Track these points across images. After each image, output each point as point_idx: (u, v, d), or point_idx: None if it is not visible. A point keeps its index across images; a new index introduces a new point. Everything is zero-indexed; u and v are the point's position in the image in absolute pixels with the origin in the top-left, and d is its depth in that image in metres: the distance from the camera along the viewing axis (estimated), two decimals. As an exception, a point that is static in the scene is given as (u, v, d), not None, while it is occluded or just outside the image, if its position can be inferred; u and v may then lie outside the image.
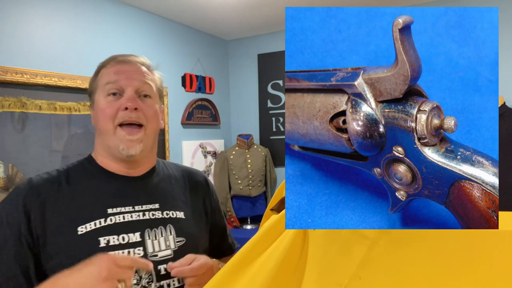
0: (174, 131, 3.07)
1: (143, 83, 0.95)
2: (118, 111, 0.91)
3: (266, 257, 0.61)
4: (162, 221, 0.93)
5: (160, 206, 0.95)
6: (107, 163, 0.96)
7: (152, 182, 0.99)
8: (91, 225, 0.86)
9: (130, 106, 0.91)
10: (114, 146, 0.91)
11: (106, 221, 0.87)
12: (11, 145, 1.98)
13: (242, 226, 3.38)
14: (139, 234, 0.89)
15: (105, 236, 0.86)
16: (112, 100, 0.92)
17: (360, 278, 0.57)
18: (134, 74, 0.95)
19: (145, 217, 0.92)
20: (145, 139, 0.94)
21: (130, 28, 2.72)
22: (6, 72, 1.96)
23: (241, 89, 3.77)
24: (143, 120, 0.93)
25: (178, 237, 0.94)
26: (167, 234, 0.92)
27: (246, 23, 3.28)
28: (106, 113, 0.91)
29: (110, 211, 0.89)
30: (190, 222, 0.98)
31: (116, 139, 0.91)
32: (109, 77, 0.93)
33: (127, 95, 0.92)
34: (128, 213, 0.91)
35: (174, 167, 1.10)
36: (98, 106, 0.94)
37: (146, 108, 0.94)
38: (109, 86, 0.93)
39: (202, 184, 1.09)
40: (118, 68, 0.94)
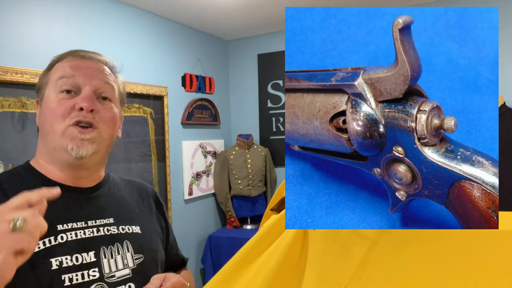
0: (174, 131, 3.07)
1: (103, 83, 0.83)
2: (71, 111, 0.79)
3: (266, 257, 0.61)
4: (118, 237, 0.83)
5: (115, 221, 0.85)
6: (51, 171, 0.82)
7: (103, 195, 0.88)
8: (39, 244, 0.73)
9: (86, 107, 0.79)
10: (61, 147, 0.79)
11: (57, 240, 0.75)
12: (11, 145, 1.98)
13: (242, 226, 3.38)
14: (93, 254, 0.78)
15: (56, 256, 0.74)
16: (65, 98, 0.80)
17: (360, 278, 0.57)
18: (94, 72, 0.83)
19: (100, 233, 0.81)
20: (99, 141, 0.82)
21: (130, 28, 2.72)
22: (6, 72, 1.96)
23: (241, 89, 3.77)
24: (98, 122, 0.81)
25: (136, 254, 0.84)
26: (124, 252, 0.82)
27: (246, 23, 3.28)
28: (56, 112, 0.79)
29: (60, 227, 0.77)
30: (147, 236, 0.89)
31: (65, 138, 0.78)
32: (65, 72, 0.81)
33: (84, 94, 0.80)
34: (80, 229, 0.79)
35: (122, 179, 0.98)
36: (47, 103, 0.81)
37: (104, 111, 0.82)
38: (62, 81, 0.80)
39: (153, 197, 1.01)
40: (76, 63, 0.83)
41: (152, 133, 2.85)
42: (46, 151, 0.83)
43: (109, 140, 0.86)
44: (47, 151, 0.82)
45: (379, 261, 0.57)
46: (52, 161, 0.82)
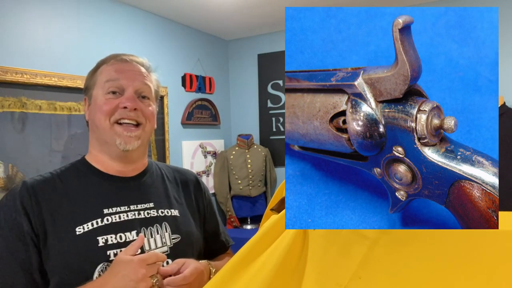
0: (174, 131, 3.07)
1: (143, 84, 0.96)
2: (117, 109, 0.91)
3: (266, 257, 0.61)
4: (157, 219, 0.94)
5: (155, 205, 0.96)
6: (102, 163, 0.96)
7: (146, 182, 1.00)
8: (88, 225, 0.86)
9: (130, 106, 0.91)
10: (111, 140, 0.92)
11: (103, 221, 0.88)
12: (11, 145, 1.98)
13: (242, 226, 3.38)
14: (135, 233, 0.90)
15: (102, 235, 0.86)
16: (111, 98, 0.92)
17: (360, 278, 0.57)
18: (135, 75, 0.95)
19: (141, 216, 0.93)
20: (143, 136, 0.95)
21: (130, 28, 2.72)
22: (6, 72, 1.96)
23: (241, 89, 3.77)
24: (142, 119, 0.94)
25: (174, 234, 0.95)
26: (163, 232, 0.94)
27: (246, 23, 3.28)
28: (103, 110, 0.91)
29: (106, 211, 0.90)
30: (185, 220, 1.00)
31: (113, 133, 0.91)
32: (110, 75, 0.93)
33: (127, 94, 0.92)
34: (123, 212, 0.91)
35: (165, 167, 1.10)
36: (96, 102, 0.93)
37: (144, 108, 0.95)
38: (109, 83, 0.93)
39: (193, 183, 1.10)
40: (119, 67, 0.95)
41: (152, 133, 2.85)
42: (98, 143, 0.95)
43: (150, 133, 1.00)
44: (99, 143, 0.95)
45: (379, 261, 0.57)
46: (103, 150, 0.95)
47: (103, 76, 0.94)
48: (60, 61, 2.24)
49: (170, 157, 2.99)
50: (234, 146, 3.45)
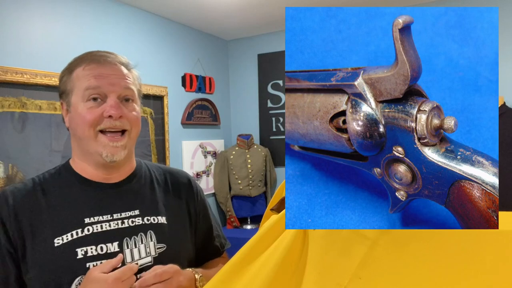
0: (174, 131, 3.07)
1: (125, 88, 0.91)
2: (101, 118, 0.87)
3: (266, 257, 0.61)
4: (142, 228, 0.91)
5: (141, 212, 0.92)
6: (85, 169, 0.92)
7: (132, 188, 0.95)
8: (68, 236, 0.84)
9: (115, 115, 0.87)
10: (96, 152, 0.88)
11: (83, 232, 0.85)
12: (11, 145, 1.98)
13: (242, 226, 3.38)
14: (117, 244, 0.86)
15: (82, 247, 0.83)
16: (93, 106, 0.87)
17: (360, 278, 0.57)
18: (116, 79, 0.90)
19: (124, 225, 0.89)
20: (129, 144, 0.92)
21: (130, 28, 2.72)
22: (6, 72, 1.96)
23: (241, 89, 3.77)
24: (128, 126, 0.90)
25: (159, 244, 0.91)
26: (148, 241, 0.90)
27: (246, 23, 3.28)
28: (87, 120, 0.86)
29: (87, 220, 0.86)
30: (172, 227, 0.95)
31: (98, 145, 0.87)
32: (89, 83, 0.87)
33: (110, 102, 0.88)
34: (106, 222, 0.88)
35: (156, 168, 1.05)
36: (77, 111, 0.88)
37: (129, 113, 0.91)
38: (89, 92, 0.87)
39: (185, 186, 1.04)
40: (99, 72, 0.89)
41: (152, 133, 2.85)
42: (81, 152, 0.91)
43: (136, 138, 0.96)
44: (82, 153, 0.91)
45: (379, 261, 0.57)
46: (87, 160, 0.91)
47: (82, 83, 0.88)
48: (60, 61, 2.23)
49: (170, 157, 2.99)
50: (234, 146, 3.45)
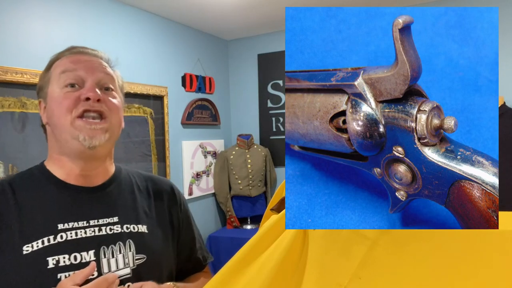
0: (174, 131, 3.07)
1: (105, 74, 0.85)
2: (78, 102, 0.80)
3: (266, 257, 0.61)
4: (121, 236, 0.83)
5: (120, 220, 0.85)
6: (63, 168, 0.84)
7: (112, 193, 0.88)
8: (38, 243, 0.75)
9: (93, 97, 0.80)
10: (73, 138, 0.80)
11: (56, 239, 0.77)
12: (11, 145, 1.98)
13: (242, 226, 3.38)
14: (93, 253, 0.79)
15: (54, 255, 0.75)
16: (69, 91, 0.81)
17: (360, 278, 0.57)
18: (95, 64, 0.85)
19: (101, 233, 0.81)
20: (111, 130, 0.84)
21: (130, 28, 2.72)
22: (6, 72, 1.96)
23: (241, 89, 3.77)
24: (107, 111, 0.83)
25: (138, 254, 0.84)
26: (126, 251, 0.82)
27: (246, 23, 3.28)
28: (63, 105, 0.80)
29: (61, 226, 0.78)
30: (153, 237, 0.88)
31: (75, 130, 0.80)
32: (66, 66, 0.82)
33: (88, 85, 0.81)
34: (81, 228, 0.80)
35: (137, 174, 0.98)
36: (53, 98, 0.82)
37: (109, 101, 0.84)
38: (65, 75, 0.81)
39: (168, 194, 0.98)
40: (76, 58, 0.84)
41: (152, 133, 2.85)
42: (58, 144, 0.84)
43: (118, 128, 0.88)
44: (59, 144, 0.84)
45: (379, 261, 0.57)
46: (65, 152, 0.83)
47: (58, 69, 0.83)
48: (60, 61, 2.24)
49: (170, 157, 2.99)
50: (234, 146, 3.45)
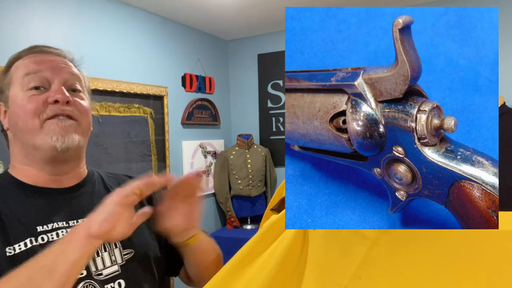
0: (174, 131, 3.07)
1: (71, 74, 0.80)
2: (45, 105, 0.75)
3: (266, 257, 0.61)
4: None
5: None
6: (30, 174, 0.79)
7: (86, 192, 0.84)
8: (21, 245, 0.71)
9: (62, 99, 0.75)
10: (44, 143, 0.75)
11: (37, 241, 0.73)
12: (11, 145, 1.98)
13: (242, 226, 3.38)
14: None
15: None
16: (35, 94, 0.76)
17: (360, 278, 0.57)
18: (60, 64, 0.79)
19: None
20: (81, 132, 0.79)
21: (130, 28, 2.72)
22: (6, 72, 1.95)
23: (241, 89, 3.77)
24: (77, 114, 0.78)
25: (125, 249, 0.81)
26: (112, 248, 0.79)
27: (246, 23, 3.28)
28: (29, 109, 0.74)
29: (40, 228, 0.74)
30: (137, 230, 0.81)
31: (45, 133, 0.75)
32: (29, 68, 0.77)
33: (55, 87, 0.76)
34: (62, 228, 0.76)
35: (106, 174, 0.94)
36: (16, 102, 0.76)
37: (78, 102, 0.79)
38: (29, 77, 0.76)
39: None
40: (40, 58, 0.79)
41: (152, 133, 2.85)
42: (24, 152, 0.79)
43: (88, 131, 0.84)
44: (25, 152, 0.78)
45: (379, 261, 0.57)
46: (31, 161, 0.78)
47: (20, 70, 0.77)
48: (60, 61, 2.24)
49: (170, 157, 2.99)
50: (234, 146, 3.46)
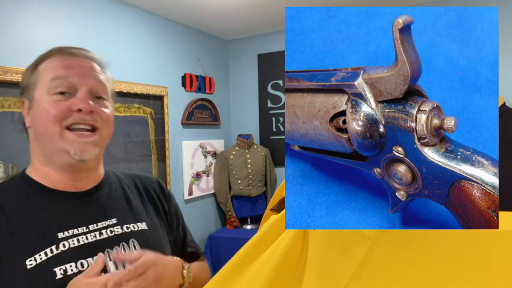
0: (174, 131, 3.07)
1: (98, 82, 0.81)
2: (68, 112, 0.77)
3: (266, 257, 0.61)
4: (123, 237, 0.82)
5: (118, 221, 0.83)
6: (48, 176, 0.81)
7: (104, 195, 0.86)
8: (41, 255, 0.72)
9: (85, 108, 0.77)
10: (62, 150, 0.77)
11: (59, 248, 0.74)
12: (11, 145, 1.98)
13: (242, 226, 3.38)
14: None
15: (60, 265, 0.72)
16: (60, 100, 0.77)
17: (360, 278, 0.57)
18: (87, 71, 0.80)
19: (103, 236, 0.80)
20: (101, 143, 0.82)
21: (130, 28, 2.72)
22: (6, 72, 1.96)
23: (241, 89, 3.77)
24: (99, 123, 0.80)
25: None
26: (131, 250, 0.81)
27: (246, 23, 3.28)
28: (52, 114, 0.76)
29: (61, 235, 0.75)
30: (154, 232, 0.88)
31: (64, 142, 0.77)
32: (57, 72, 0.78)
33: (80, 95, 0.78)
34: (82, 234, 0.77)
35: (123, 175, 0.96)
36: (40, 105, 0.77)
37: (102, 111, 0.81)
38: (56, 82, 0.77)
39: (157, 189, 0.97)
40: (68, 62, 0.79)
41: (152, 133, 2.85)
42: (44, 153, 0.80)
43: (108, 139, 0.86)
44: (45, 154, 0.80)
45: (379, 261, 0.57)
46: (50, 163, 0.80)
47: (48, 73, 0.78)
48: (60, 61, 2.24)
49: (170, 157, 2.99)
50: (234, 146, 3.45)
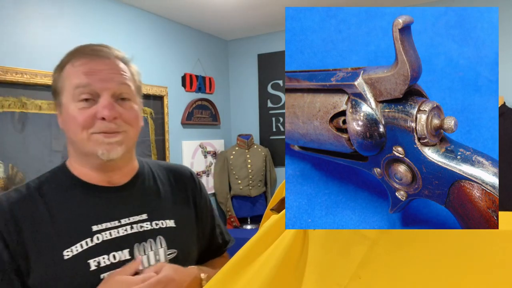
0: (174, 131, 3.07)
1: (120, 84, 0.82)
2: (93, 120, 0.79)
3: (266, 257, 0.61)
4: (151, 233, 0.85)
5: (148, 216, 0.87)
6: (85, 172, 0.85)
7: (137, 190, 0.90)
8: (77, 247, 0.77)
9: (108, 117, 0.79)
10: (91, 152, 0.81)
11: (93, 241, 0.79)
12: (11, 145, 1.98)
13: (242, 226, 3.38)
14: (128, 251, 0.81)
15: (94, 257, 0.78)
16: (84, 107, 0.79)
17: (360, 278, 0.57)
18: (109, 74, 0.81)
19: (133, 231, 0.84)
20: (127, 141, 0.84)
21: (130, 28, 2.72)
22: (6, 72, 1.96)
23: (241, 89, 3.77)
24: (124, 126, 0.82)
25: (170, 249, 0.86)
26: (157, 247, 0.85)
27: (246, 23, 3.28)
28: (78, 122, 0.79)
29: (95, 228, 0.80)
30: (182, 229, 0.91)
31: (92, 144, 0.80)
32: (79, 80, 0.79)
33: (103, 101, 0.79)
34: (114, 228, 0.82)
35: (158, 167, 0.99)
36: (68, 111, 0.81)
37: (126, 113, 0.83)
38: (79, 90, 0.79)
39: (189, 181, 1.00)
40: (90, 67, 0.80)
41: (152, 133, 2.85)
42: (77, 155, 0.85)
43: (136, 136, 0.89)
44: (78, 155, 0.85)
45: (379, 261, 0.57)
46: (83, 163, 0.85)
47: (71, 80, 0.80)
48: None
49: (170, 157, 2.99)
50: (234, 146, 3.45)
